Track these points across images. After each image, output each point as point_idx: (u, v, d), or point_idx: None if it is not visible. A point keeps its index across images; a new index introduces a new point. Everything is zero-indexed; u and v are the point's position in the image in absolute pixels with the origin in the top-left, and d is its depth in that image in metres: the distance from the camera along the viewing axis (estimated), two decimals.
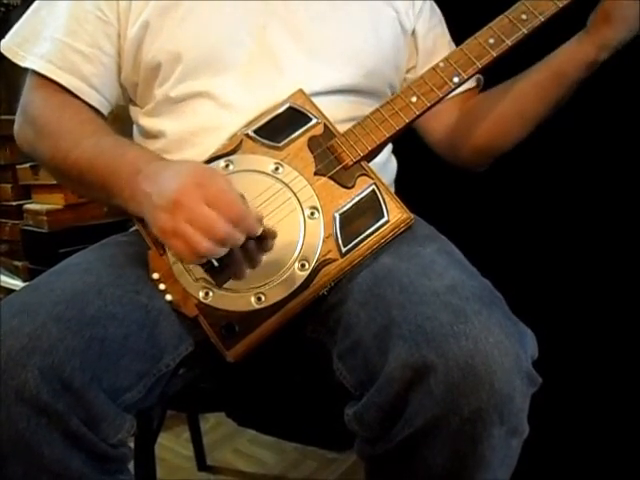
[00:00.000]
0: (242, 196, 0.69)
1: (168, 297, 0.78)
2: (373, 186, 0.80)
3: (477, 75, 1.02)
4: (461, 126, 1.03)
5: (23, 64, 0.89)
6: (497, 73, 0.92)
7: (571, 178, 1.17)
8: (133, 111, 0.98)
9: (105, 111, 0.94)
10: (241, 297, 0.77)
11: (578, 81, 0.89)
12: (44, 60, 0.87)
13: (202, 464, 1.58)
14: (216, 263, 0.75)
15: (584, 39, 0.86)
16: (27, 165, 1.97)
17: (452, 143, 1.05)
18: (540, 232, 1.22)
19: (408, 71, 1.05)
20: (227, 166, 0.82)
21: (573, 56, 0.87)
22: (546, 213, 1.21)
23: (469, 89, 1.03)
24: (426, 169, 1.16)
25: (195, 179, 0.68)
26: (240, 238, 0.67)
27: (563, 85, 0.89)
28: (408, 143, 1.04)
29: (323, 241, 0.78)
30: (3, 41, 0.90)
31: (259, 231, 0.69)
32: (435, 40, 1.04)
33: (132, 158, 0.78)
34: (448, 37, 1.06)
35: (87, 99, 0.90)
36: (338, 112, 0.87)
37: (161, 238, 0.70)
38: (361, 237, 0.78)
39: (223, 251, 0.67)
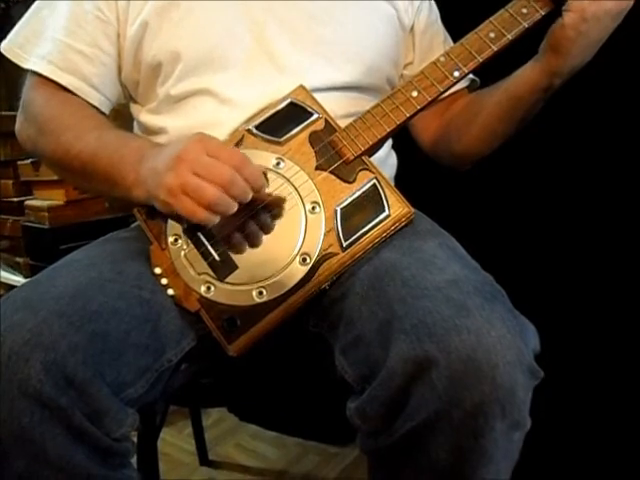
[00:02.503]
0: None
1: (170, 292, 0.78)
2: (374, 180, 0.80)
3: (472, 77, 1.02)
4: (440, 130, 1.04)
5: (25, 65, 0.89)
6: (496, 72, 0.92)
7: (571, 171, 1.17)
8: (134, 108, 0.98)
9: (106, 110, 0.94)
10: (243, 291, 0.77)
11: (536, 103, 0.89)
12: (45, 61, 0.88)
13: (204, 459, 1.59)
14: (217, 257, 0.75)
15: (536, 66, 0.85)
16: (28, 161, 1.97)
17: (434, 145, 1.06)
18: (541, 226, 1.22)
19: (405, 67, 1.05)
20: None
21: (527, 81, 0.87)
22: (547, 207, 1.21)
23: (457, 91, 1.03)
24: (426, 164, 1.16)
25: (196, 138, 0.72)
26: (245, 186, 0.70)
27: (520, 107, 0.90)
28: (408, 138, 1.04)
29: (324, 235, 0.78)
30: (4, 42, 0.91)
31: (263, 183, 0.72)
32: (432, 37, 1.04)
33: (137, 146, 0.80)
34: (443, 36, 1.06)
35: (88, 99, 0.90)
36: (338, 108, 0.87)
37: (169, 201, 0.71)
38: (362, 231, 0.78)
39: (233, 204, 0.69)
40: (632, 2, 0.78)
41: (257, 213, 0.77)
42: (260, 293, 0.77)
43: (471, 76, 1.04)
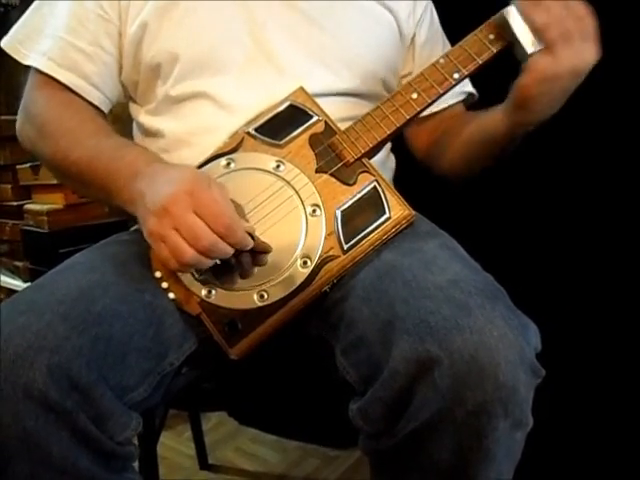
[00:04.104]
0: (239, 207, 0.69)
1: (171, 295, 0.78)
2: (374, 183, 0.81)
3: (470, 90, 1.02)
4: (431, 146, 1.04)
5: (25, 62, 0.89)
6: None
7: (571, 171, 1.18)
8: (133, 108, 0.98)
9: (106, 109, 0.94)
10: (244, 295, 0.77)
11: (507, 146, 0.89)
12: (45, 58, 0.87)
13: (204, 463, 1.59)
14: (218, 260, 0.75)
15: (502, 118, 0.84)
16: (27, 165, 1.97)
17: (425, 158, 1.06)
18: (541, 226, 1.22)
19: (403, 77, 1.04)
20: (228, 164, 0.83)
21: (494, 129, 0.87)
22: (546, 207, 1.22)
23: (453, 106, 1.03)
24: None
25: (188, 187, 0.68)
26: (227, 250, 0.68)
27: (491, 147, 0.90)
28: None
29: (325, 238, 0.78)
30: (5, 38, 0.90)
31: (250, 245, 0.71)
32: (431, 49, 1.03)
33: (131, 160, 0.78)
34: (442, 46, 1.05)
35: (88, 97, 0.90)
36: (337, 112, 0.87)
37: (149, 241, 0.71)
38: (363, 234, 0.78)
39: (209, 262, 0.69)
40: (594, 59, 0.76)
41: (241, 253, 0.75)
42: (261, 296, 0.77)
43: (469, 89, 1.05)
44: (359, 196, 0.80)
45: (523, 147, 0.97)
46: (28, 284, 0.77)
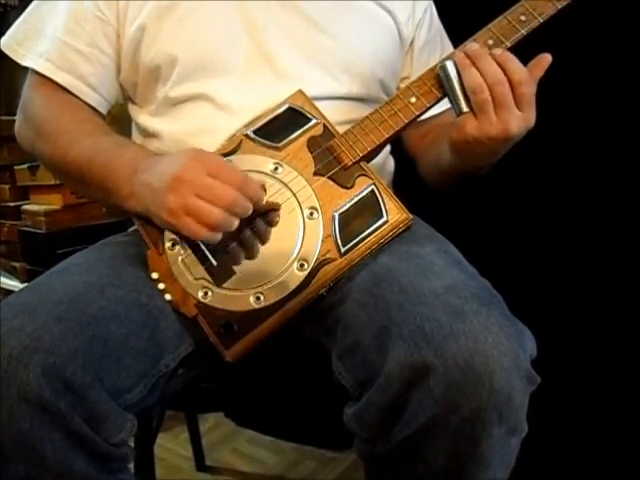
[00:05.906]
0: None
1: (167, 297, 0.78)
2: (372, 186, 0.81)
3: None
4: (419, 153, 1.04)
5: (23, 63, 0.89)
6: None
7: (569, 177, 1.18)
8: (132, 109, 0.98)
9: (104, 110, 0.94)
10: (240, 297, 0.77)
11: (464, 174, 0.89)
12: (43, 59, 0.88)
13: (201, 464, 1.59)
14: (214, 262, 0.75)
15: (447, 153, 0.85)
16: (25, 166, 1.97)
17: (414, 161, 1.06)
18: (538, 232, 1.22)
19: (401, 81, 1.04)
20: None
21: (446, 158, 0.87)
22: (544, 213, 1.22)
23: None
24: None
25: (193, 155, 0.72)
26: (247, 204, 0.70)
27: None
28: None
29: (322, 241, 0.78)
30: (3, 38, 0.90)
31: (263, 197, 0.73)
32: (430, 54, 1.03)
33: (130, 157, 0.79)
34: (440, 51, 1.04)
35: (85, 98, 0.90)
36: (335, 115, 0.87)
37: (172, 222, 0.72)
38: (360, 237, 0.78)
39: (235, 223, 0.70)
40: (524, 128, 0.76)
41: (254, 220, 0.77)
42: (257, 299, 0.77)
43: None
44: (357, 199, 0.80)
45: (521, 153, 0.97)
46: (26, 285, 0.76)
